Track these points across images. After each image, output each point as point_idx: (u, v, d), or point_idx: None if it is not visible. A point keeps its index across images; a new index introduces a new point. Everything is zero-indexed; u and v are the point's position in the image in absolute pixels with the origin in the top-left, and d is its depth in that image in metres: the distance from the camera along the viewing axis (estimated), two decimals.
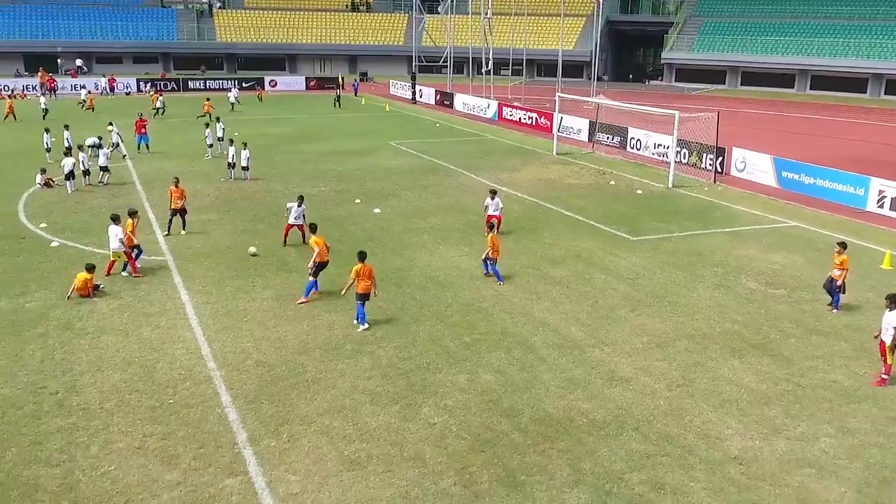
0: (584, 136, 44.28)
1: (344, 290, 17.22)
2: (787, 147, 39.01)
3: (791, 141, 44.52)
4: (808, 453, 12.20)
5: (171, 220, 23.65)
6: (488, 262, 20.15)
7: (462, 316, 17.60)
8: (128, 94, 68.51)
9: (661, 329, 17.07)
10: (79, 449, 11.89)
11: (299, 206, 22.38)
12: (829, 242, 24.19)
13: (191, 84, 72.81)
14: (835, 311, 18.35)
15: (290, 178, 32.67)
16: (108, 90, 67.65)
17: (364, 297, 16.63)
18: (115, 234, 19.33)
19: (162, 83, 71.28)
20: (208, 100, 51.01)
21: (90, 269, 18.29)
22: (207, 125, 37.51)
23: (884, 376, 14.44)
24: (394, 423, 12.87)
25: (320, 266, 18.32)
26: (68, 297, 17.82)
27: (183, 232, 23.56)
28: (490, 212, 23.82)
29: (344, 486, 11.08)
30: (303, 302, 18.03)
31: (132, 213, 20.26)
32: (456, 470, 11.53)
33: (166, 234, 23.35)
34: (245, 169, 31.95)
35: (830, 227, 26.30)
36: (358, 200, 28.84)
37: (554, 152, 40.55)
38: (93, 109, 53.42)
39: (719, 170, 34.16)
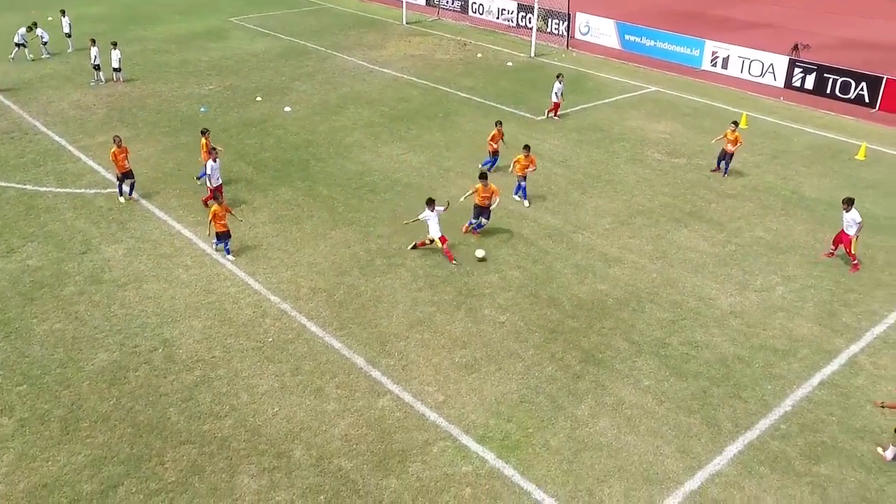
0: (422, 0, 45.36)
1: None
2: (604, 2, 43.06)
3: None
4: (773, 301, 16.58)
5: (121, 185, 20.32)
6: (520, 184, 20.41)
7: (452, 216, 19.92)
8: None
9: (615, 209, 20.61)
10: (230, 398, 13.36)
11: (432, 209, 17.66)
12: (690, 105, 28.88)
13: None
14: (725, 175, 22.68)
15: (165, 76, 31.50)
16: None
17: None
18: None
19: None
20: None
21: (217, 198, 18.01)
22: (33, 27, 33.88)
23: (855, 262, 17.81)
24: (471, 327, 15.46)
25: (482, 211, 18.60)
26: (209, 235, 17.85)
27: (133, 197, 20.48)
28: (555, 98, 26.56)
29: (475, 388, 13.72)
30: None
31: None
32: (548, 358, 14.54)
33: (129, 199, 20.40)
34: (117, 70, 30.30)
35: (683, 88, 30.96)
36: (259, 98, 28.96)
37: (404, 22, 41.59)
38: None
39: (565, 34, 37.51)
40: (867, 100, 28.96)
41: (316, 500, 11.30)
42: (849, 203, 17.57)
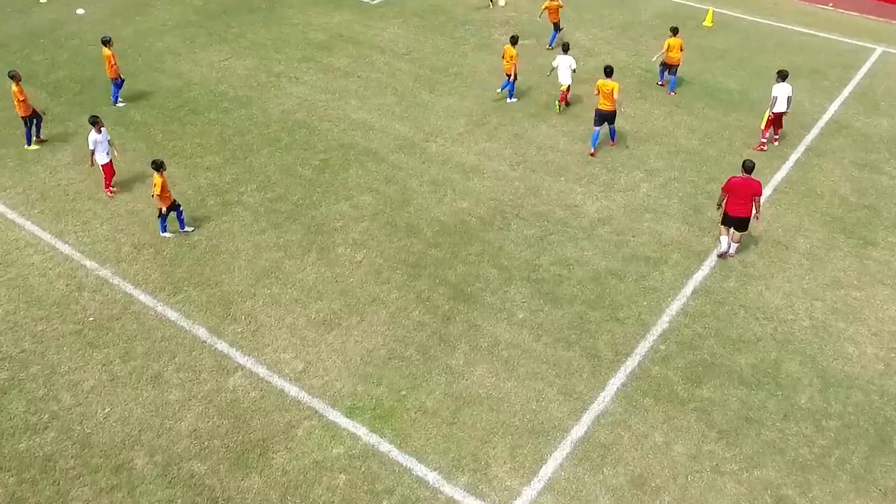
0: None
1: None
2: None
3: None
4: (640, 200, 15.87)
5: (30, 128, 17.01)
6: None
7: (289, 135, 17.77)
8: None
9: (467, 108, 19.04)
10: (49, 403, 11.30)
11: (566, 52, 18.53)
12: None
13: None
14: (671, 94, 19.75)
15: None
16: None
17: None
18: None
19: None
20: None
21: (160, 166, 13.83)
22: None
23: (762, 142, 17.16)
24: (325, 272, 13.83)
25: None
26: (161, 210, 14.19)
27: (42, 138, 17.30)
28: None
29: (337, 348, 12.28)
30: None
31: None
32: (414, 300, 13.23)
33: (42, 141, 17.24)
34: None
35: None
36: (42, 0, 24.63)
37: None
38: None
39: None
40: None
41: None
42: (780, 76, 16.59)
